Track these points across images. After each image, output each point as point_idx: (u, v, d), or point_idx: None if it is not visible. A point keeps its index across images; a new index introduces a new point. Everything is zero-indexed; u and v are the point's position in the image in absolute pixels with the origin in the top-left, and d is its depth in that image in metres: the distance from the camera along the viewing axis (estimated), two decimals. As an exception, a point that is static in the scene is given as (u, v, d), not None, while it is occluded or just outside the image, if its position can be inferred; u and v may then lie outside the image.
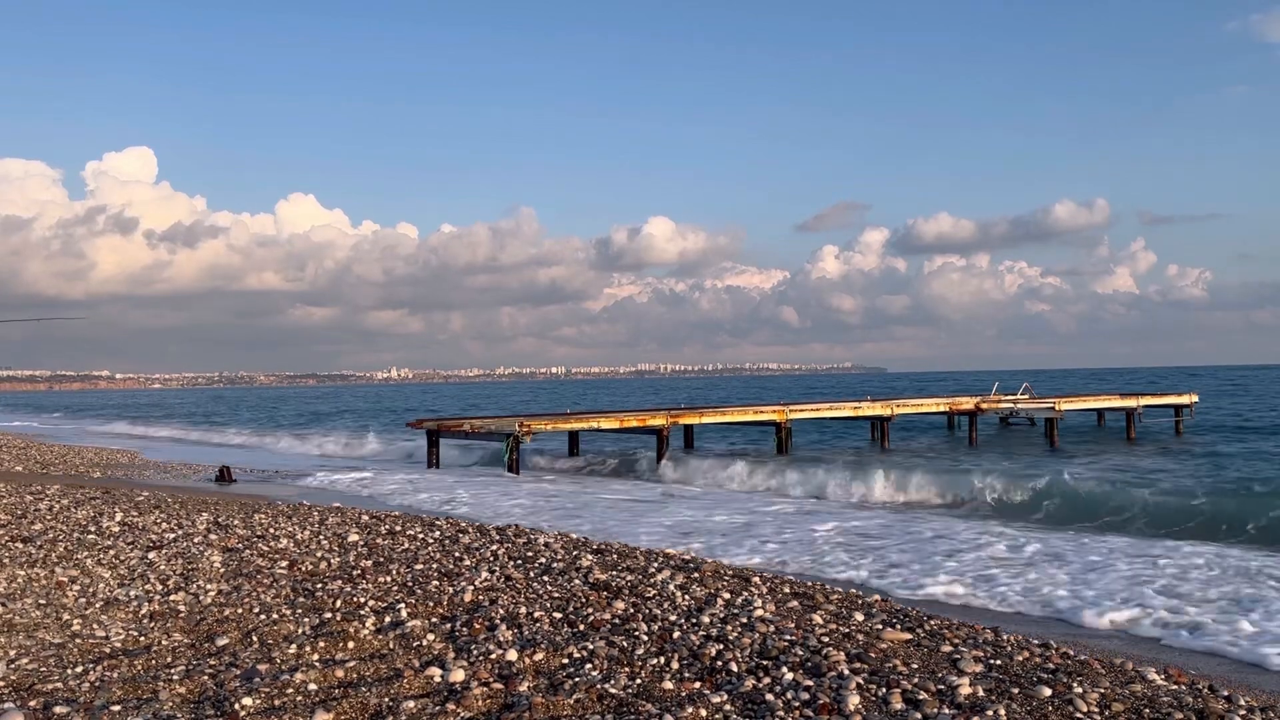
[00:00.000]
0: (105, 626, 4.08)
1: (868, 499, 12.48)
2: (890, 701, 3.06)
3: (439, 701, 3.09)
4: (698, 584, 4.90)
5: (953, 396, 24.88)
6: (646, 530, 8.81)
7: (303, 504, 8.81)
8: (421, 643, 3.80)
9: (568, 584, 4.85)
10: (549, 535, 6.66)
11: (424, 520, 7.46)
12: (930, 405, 23.39)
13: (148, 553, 5.75)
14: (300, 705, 3.07)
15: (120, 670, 3.46)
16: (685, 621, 4.08)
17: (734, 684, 3.25)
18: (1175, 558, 7.53)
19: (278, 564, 5.48)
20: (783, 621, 4.09)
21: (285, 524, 7.09)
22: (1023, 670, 3.51)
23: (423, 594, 4.68)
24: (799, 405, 20.98)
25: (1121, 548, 7.99)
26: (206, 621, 4.19)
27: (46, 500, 7.97)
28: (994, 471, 13.63)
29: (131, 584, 4.91)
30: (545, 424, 16.92)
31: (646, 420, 17.58)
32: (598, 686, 3.21)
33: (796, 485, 13.67)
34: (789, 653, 3.60)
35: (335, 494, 11.66)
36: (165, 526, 6.78)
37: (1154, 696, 3.27)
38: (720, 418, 19.14)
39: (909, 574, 6.85)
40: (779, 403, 22.16)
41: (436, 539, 6.44)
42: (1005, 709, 3.01)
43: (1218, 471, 15.07)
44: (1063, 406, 22.01)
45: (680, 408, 20.28)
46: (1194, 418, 26.23)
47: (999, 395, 24.52)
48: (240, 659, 3.59)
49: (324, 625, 4.08)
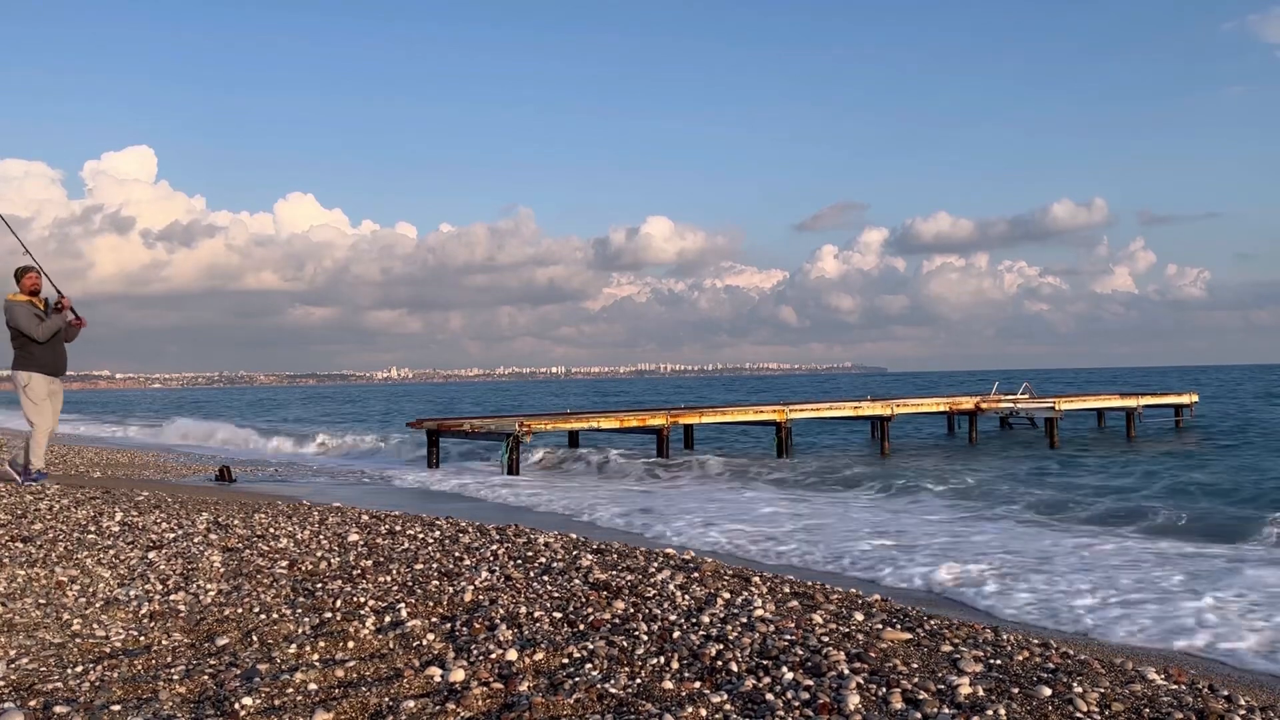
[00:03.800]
0: (105, 626, 4.08)
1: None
2: (890, 701, 3.06)
3: (439, 701, 3.09)
4: (697, 584, 4.90)
5: (953, 396, 24.88)
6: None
7: (303, 503, 8.81)
8: (421, 642, 3.80)
9: (568, 584, 4.85)
10: (549, 535, 6.67)
11: (424, 520, 7.47)
12: (930, 405, 23.42)
13: (148, 552, 5.76)
14: (300, 705, 3.07)
15: (120, 670, 3.46)
16: (685, 621, 4.08)
17: (734, 684, 3.25)
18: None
19: (278, 564, 5.48)
20: (783, 621, 4.10)
21: (285, 524, 7.09)
22: (1022, 670, 3.51)
23: (423, 594, 4.68)
24: (799, 405, 21.00)
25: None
26: (206, 621, 4.19)
27: (46, 500, 7.97)
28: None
29: (131, 584, 4.91)
30: (545, 424, 16.93)
31: (646, 420, 17.61)
32: (598, 686, 3.21)
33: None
34: (789, 652, 3.60)
35: (336, 494, 11.65)
36: (165, 526, 6.79)
37: (1154, 696, 3.27)
38: (720, 417, 19.16)
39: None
40: (779, 403, 22.17)
41: (436, 539, 6.44)
42: (1005, 708, 3.01)
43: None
44: (1063, 406, 22.04)
45: (680, 408, 20.30)
46: (1194, 417, 26.24)
47: (999, 395, 24.52)
48: (240, 659, 3.59)
49: (324, 625, 4.08)
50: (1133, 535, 9.10)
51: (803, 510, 10.90)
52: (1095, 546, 8.13)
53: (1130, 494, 12.63)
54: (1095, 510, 10.70)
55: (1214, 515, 10.42)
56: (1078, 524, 9.94)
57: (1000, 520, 10.15)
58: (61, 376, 9.40)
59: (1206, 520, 10.00)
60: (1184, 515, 10.10)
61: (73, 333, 9.48)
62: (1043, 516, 10.43)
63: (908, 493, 12.74)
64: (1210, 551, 7.94)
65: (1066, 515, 10.44)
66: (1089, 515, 10.42)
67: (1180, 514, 10.16)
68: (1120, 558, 7.60)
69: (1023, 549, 8.02)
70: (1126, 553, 7.84)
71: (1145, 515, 10.16)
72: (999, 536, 8.85)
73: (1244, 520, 9.80)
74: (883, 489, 13.16)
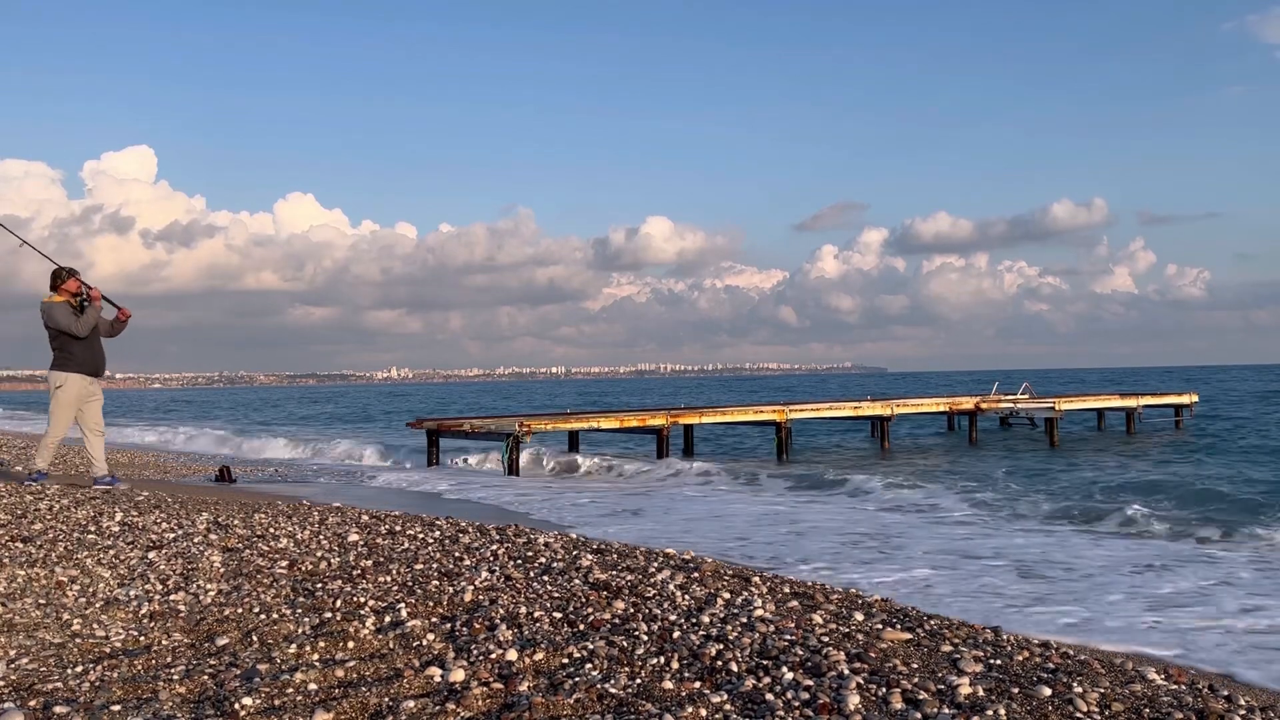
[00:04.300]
0: (105, 626, 4.08)
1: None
2: (890, 701, 3.06)
3: (439, 701, 3.09)
4: (697, 584, 4.90)
5: (953, 396, 24.89)
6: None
7: (303, 503, 8.81)
8: (421, 642, 3.80)
9: (568, 584, 4.85)
10: (549, 535, 6.66)
11: (424, 520, 7.46)
12: (930, 405, 23.44)
13: (148, 552, 5.75)
14: (300, 705, 3.07)
15: (120, 670, 3.46)
16: (685, 621, 4.08)
17: (734, 684, 3.25)
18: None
19: (278, 564, 5.47)
20: (783, 621, 4.09)
21: (285, 524, 7.09)
22: (1022, 670, 3.51)
23: (423, 594, 4.68)
24: (799, 405, 21.01)
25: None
26: (206, 621, 4.19)
27: (46, 500, 7.97)
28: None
29: (131, 584, 4.91)
30: (545, 424, 16.93)
31: (646, 420, 17.60)
32: (598, 686, 3.21)
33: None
34: (789, 652, 3.60)
35: (336, 494, 11.65)
36: (165, 526, 6.78)
37: (1154, 696, 3.27)
38: (720, 417, 19.16)
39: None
40: (779, 403, 22.17)
41: (436, 539, 6.44)
42: (1005, 708, 3.01)
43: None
44: (1063, 406, 22.06)
45: (680, 408, 20.32)
46: (1194, 417, 26.22)
47: (999, 395, 24.53)
48: (240, 659, 3.59)
49: (324, 625, 4.08)
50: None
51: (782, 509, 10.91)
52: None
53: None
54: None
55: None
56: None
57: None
58: (100, 376, 9.35)
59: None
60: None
61: (119, 326, 9.37)
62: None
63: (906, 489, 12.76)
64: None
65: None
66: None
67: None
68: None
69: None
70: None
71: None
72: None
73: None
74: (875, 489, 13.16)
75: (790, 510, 10.95)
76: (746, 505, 11.43)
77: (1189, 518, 10.06)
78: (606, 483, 14.75)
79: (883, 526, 9.52)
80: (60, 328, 8.87)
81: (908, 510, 11.04)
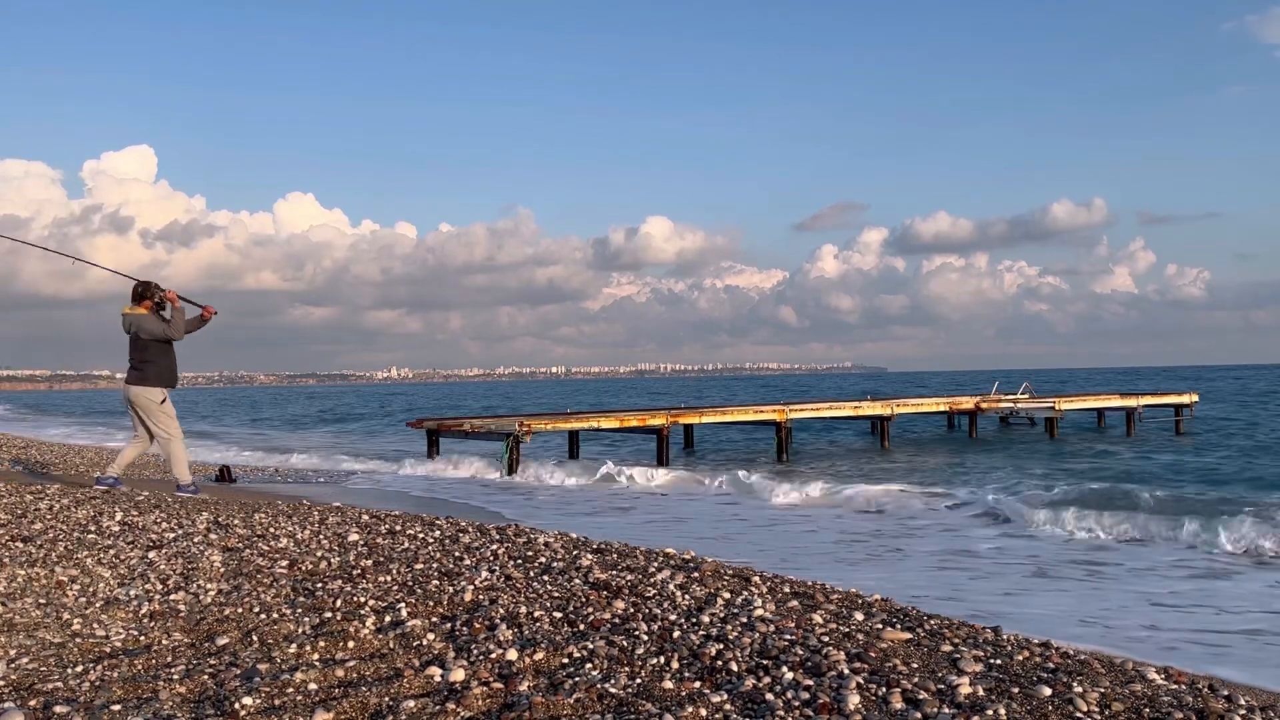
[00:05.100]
0: (105, 626, 4.08)
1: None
2: (890, 701, 3.06)
3: (439, 701, 3.09)
4: (697, 583, 4.90)
5: (953, 396, 24.89)
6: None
7: (303, 503, 8.81)
8: (421, 642, 3.80)
9: (568, 583, 4.85)
10: (549, 535, 6.66)
11: (424, 520, 7.46)
12: (930, 405, 23.44)
13: (148, 552, 5.75)
14: (300, 705, 3.07)
15: (120, 670, 3.45)
16: (685, 621, 4.08)
17: (734, 683, 3.25)
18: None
19: (278, 563, 5.47)
20: (783, 621, 4.09)
21: (285, 523, 7.09)
22: (1022, 670, 3.51)
23: (423, 593, 4.67)
24: (799, 405, 21.01)
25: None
26: (206, 621, 4.19)
27: (46, 500, 7.97)
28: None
29: (131, 583, 4.91)
30: (545, 424, 16.93)
31: (646, 420, 17.59)
32: (598, 686, 3.21)
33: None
34: (789, 652, 3.60)
35: (336, 494, 11.66)
36: (165, 526, 6.78)
37: (1154, 696, 3.27)
38: (720, 417, 19.16)
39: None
40: (779, 402, 22.16)
41: (436, 539, 6.44)
42: (1005, 708, 3.01)
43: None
44: (1063, 406, 22.06)
45: (680, 407, 20.31)
46: (1194, 417, 26.21)
47: (999, 395, 24.53)
48: (240, 658, 3.59)
49: (324, 625, 4.08)
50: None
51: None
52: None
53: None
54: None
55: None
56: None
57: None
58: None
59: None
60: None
61: (198, 324, 9.36)
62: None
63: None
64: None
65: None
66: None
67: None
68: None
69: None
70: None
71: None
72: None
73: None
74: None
75: (791, 511, 10.95)
76: (747, 508, 11.43)
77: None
78: (606, 484, 14.75)
79: (882, 527, 9.52)
80: (156, 336, 8.95)
81: (908, 511, 11.05)
